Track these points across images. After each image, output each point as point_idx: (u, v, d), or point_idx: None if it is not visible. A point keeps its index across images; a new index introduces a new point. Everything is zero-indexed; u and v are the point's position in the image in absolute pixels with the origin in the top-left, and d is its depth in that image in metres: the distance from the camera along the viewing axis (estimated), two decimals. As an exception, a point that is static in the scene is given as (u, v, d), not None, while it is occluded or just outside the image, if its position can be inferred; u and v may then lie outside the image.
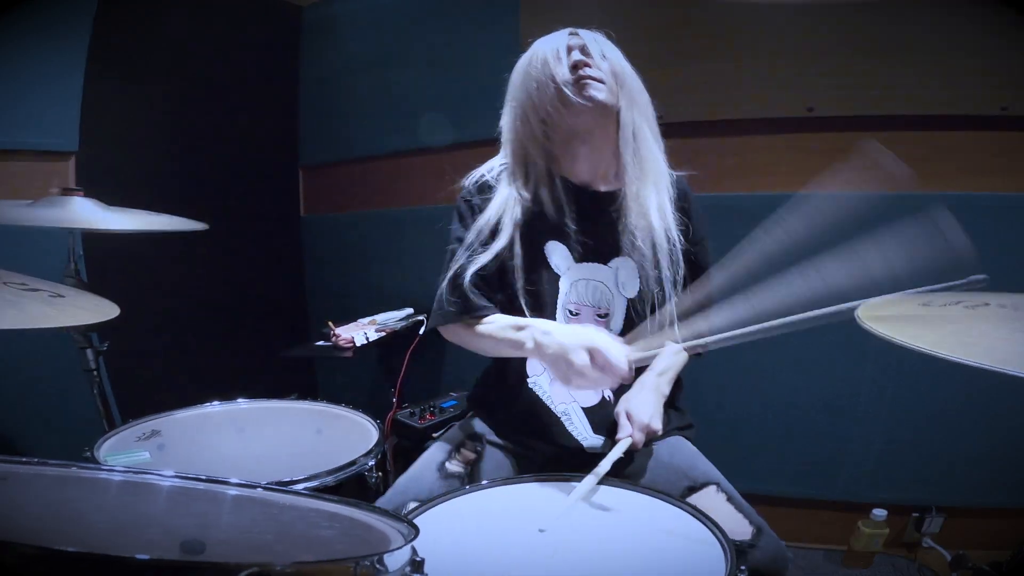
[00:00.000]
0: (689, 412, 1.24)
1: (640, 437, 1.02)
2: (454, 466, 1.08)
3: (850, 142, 1.84)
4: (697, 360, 1.22)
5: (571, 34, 1.10)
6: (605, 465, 0.95)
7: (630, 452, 1.13)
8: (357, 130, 2.62)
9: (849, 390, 1.90)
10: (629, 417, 1.04)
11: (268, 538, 0.60)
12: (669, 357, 1.15)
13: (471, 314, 1.09)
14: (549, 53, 1.07)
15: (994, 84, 1.69)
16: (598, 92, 1.05)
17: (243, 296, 2.57)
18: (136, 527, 0.56)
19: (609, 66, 1.08)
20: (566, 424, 1.14)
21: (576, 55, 1.06)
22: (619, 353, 0.95)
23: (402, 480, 1.06)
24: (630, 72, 1.10)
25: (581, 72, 1.05)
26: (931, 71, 1.71)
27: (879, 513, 1.89)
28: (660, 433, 1.05)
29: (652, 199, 1.08)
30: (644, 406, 1.05)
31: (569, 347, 0.95)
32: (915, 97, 1.74)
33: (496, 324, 1.09)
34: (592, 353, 0.94)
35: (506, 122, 1.14)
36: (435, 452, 1.12)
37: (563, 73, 1.05)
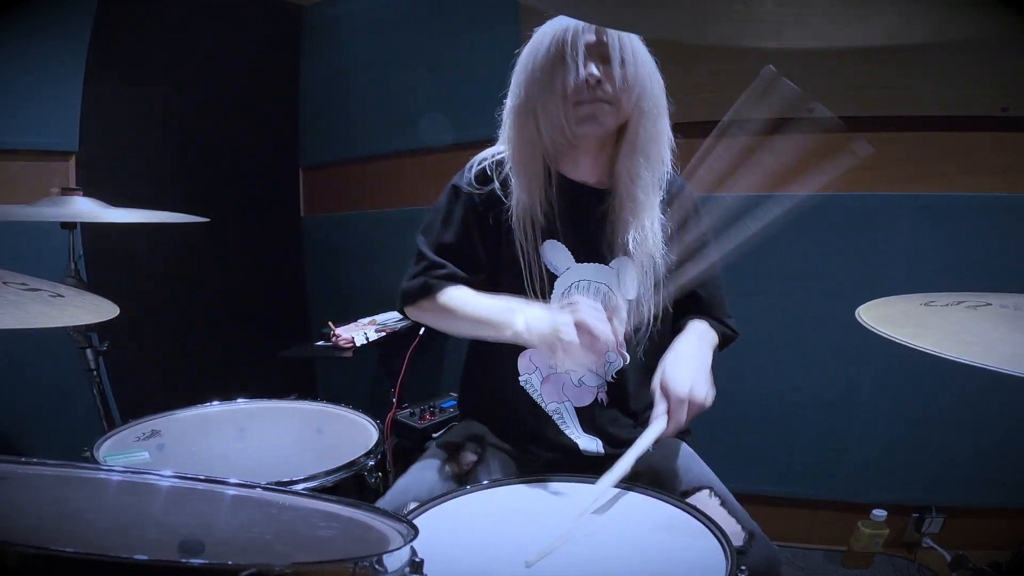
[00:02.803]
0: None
1: (682, 413, 0.91)
2: (455, 467, 1.07)
3: (850, 142, 1.84)
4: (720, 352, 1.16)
5: (594, 31, 0.99)
6: (634, 453, 0.89)
7: (626, 451, 1.13)
8: (357, 130, 2.62)
9: (849, 390, 1.90)
10: (665, 391, 0.94)
11: (267, 538, 0.60)
12: (701, 327, 1.11)
13: (440, 286, 1.06)
14: (568, 53, 0.98)
15: (994, 84, 1.69)
16: (605, 118, 1.00)
17: (243, 296, 2.58)
18: (135, 527, 0.56)
19: (624, 75, 0.99)
20: (558, 423, 1.12)
21: (592, 68, 0.97)
22: (607, 327, 0.91)
23: (402, 481, 1.05)
24: (647, 77, 1.02)
25: (592, 94, 0.98)
26: (931, 71, 1.71)
27: (879, 513, 1.89)
28: (708, 403, 0.94)
29: (647, 201, 1.05)
30: (682, 376, 0.94)
31: (559, 325, 0.90)
32: (915, 97, 1.74)
33: (475, 302, 1.04)
34: (580, 327, 0.89)
35: (509, 108, 1.08)
36: (436, 453, 1.11)
37: (572, 86, 0.99)
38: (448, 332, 1.09)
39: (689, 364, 0.98)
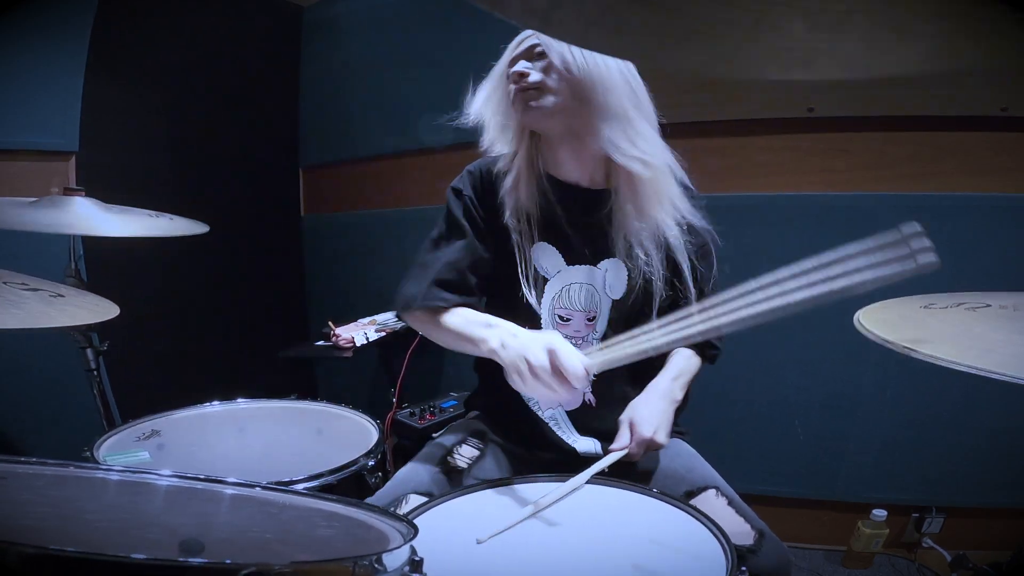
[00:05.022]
0: (688, 413, 1.24)
1: (637, 451, 0.99)
2: (456, 460, 1.07)
3: (850, 142, 1.84)
4: (710, 364, 1.18)
5: (534, 35, 1.04)
6: (586, 475, 0.94)
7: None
8: (357, 130, 2.62)
9: (849, 390, 1.90)
10: (632, 427, 1.00)
11: (267, 537, 0.60)
12: (682, 361, 1.13)
13: (435, 302, 1.07)
14: (505, 59, 1.07)
15: (994, 84, 1.69)
16: (535, 101, 1.01)
17: (243, 296, 2.58)
18: (135, 527, 0.56)
19: (562, 61, 1.00)
20: (554, 428, 1.13)
21: (520, 64, 1.03)
22: (576, 359, 0.89)
23: (403, 471, 1.05)
24: (579, 55, 0.99)
25: (520, 84, 1.02)
26: (931, 71, 1.71)
27: (879, 513, 1.89)
28: (664, 446, 1.01)
29: (651, 188, 1.03)
30: (651, 417, 1.01)
31: (529, 347, 0.90)
32: (915, 97, 1.74)
33: (462, 318, 1.06)
34: (551, 355, 0.88)
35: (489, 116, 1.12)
36: (438, 445, 1.11)
37: (511, 86, 1.04)
38: (435, 341, 1.11)
39: (658, 408, 1.03)
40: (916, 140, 1.78)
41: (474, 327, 1.03)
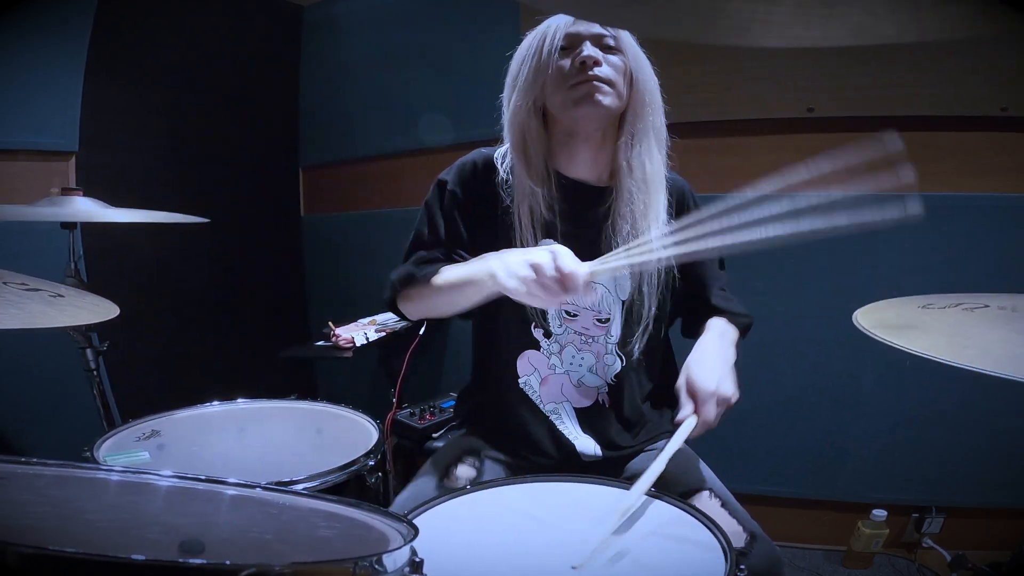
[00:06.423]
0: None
1: (710, 409, 0.90)
2: (452, 484, 1.05)
3: (850, 142, 1.84)
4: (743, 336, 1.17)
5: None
6: (665, 456, 0.86)
7: (623, 453, 1.13)
8: (357, 130, 2.63)
9: (849, 390, 1.90)
10: (692, 391, 0.92)
11: (267, 538, 0.60)
12: (721, 324, 1.11)
13: (425, 272, 1.05)
14: (558, 41, 1.01)
15: (994, 84, 1.69)
16: (604, 97, 0.99)
17: (243, 296, 2.58)
18: (135, 527, 0.56)
19: (623, 63, 1.02)
20: (556, 423, 1.12)
21: (587, 48, 0.99)
22: (577, 262, 0.87)
23: (400, 499, 1.04)
24: (646, 69, 1.04)
25: (589, 73, 0.98)
26: (931, 71, 1.71)
27: (879, 513, 1.89)
28: (734, 400, 0.93)
29: (644, 201, 1.05)
30: (707, 373, 0.93)
31: (531, 252, 0.88)
32: (915, 97, 1.75)
33: (449, 271, 1.03)
34: (554, 256, 0.86)
35: (508, 107, 1.08)
36: (432, 470, 1.09)
37: (569, 70, 1.00)
38: (439, 314, 1.07)
39: (714, 361, 0.97)
40: (916, 140, 1.78)
41: (467, 269, 0.99)
